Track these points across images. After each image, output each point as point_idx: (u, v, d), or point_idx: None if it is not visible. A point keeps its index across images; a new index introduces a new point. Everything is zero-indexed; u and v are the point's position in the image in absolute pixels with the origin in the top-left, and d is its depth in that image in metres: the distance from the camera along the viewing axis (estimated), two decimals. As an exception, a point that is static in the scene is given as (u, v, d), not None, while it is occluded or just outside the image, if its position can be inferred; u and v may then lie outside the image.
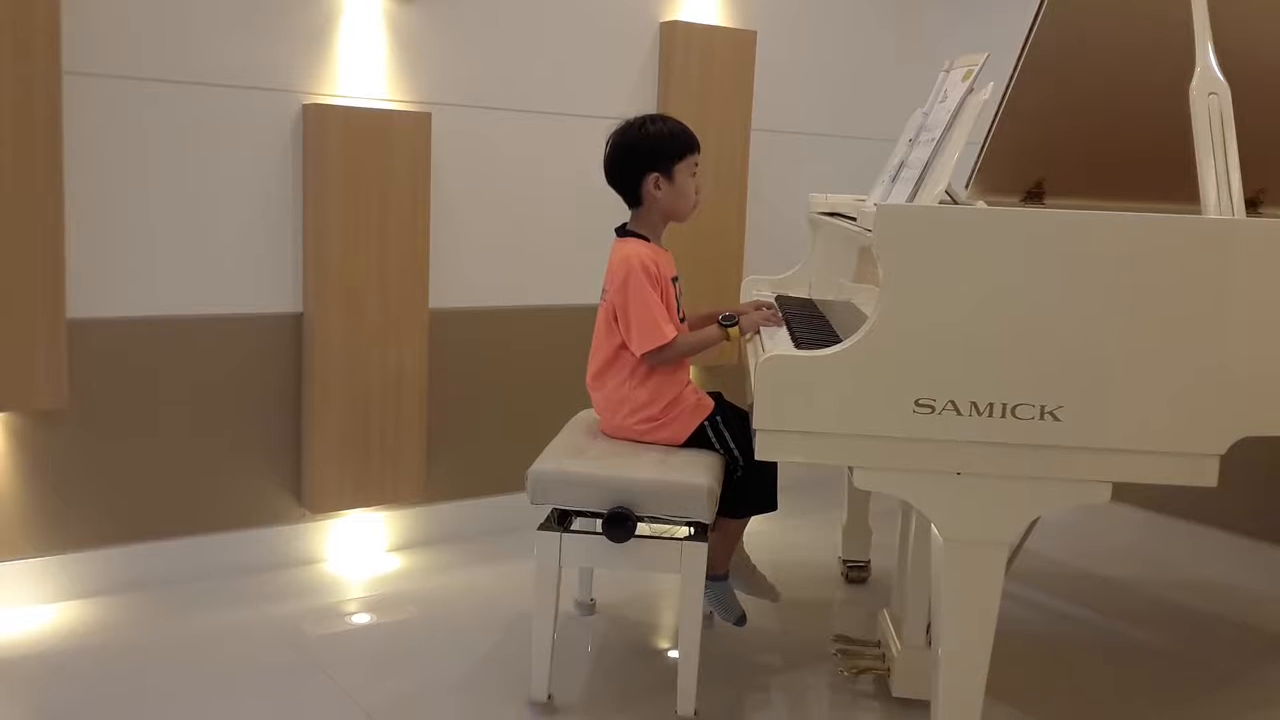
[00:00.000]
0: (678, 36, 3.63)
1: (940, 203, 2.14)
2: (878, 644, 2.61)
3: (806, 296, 3.19)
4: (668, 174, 2.58)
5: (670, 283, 2.60)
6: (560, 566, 2.37)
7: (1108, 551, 3.61)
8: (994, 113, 2.76)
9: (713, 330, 2.58)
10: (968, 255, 1.91)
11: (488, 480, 3.50)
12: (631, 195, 2.63)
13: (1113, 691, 2.68)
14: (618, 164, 2.62)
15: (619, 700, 2.50)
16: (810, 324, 2.63)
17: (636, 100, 3.61)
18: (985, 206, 2.11)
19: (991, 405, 1.91)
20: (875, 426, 1.93)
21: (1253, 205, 2.78)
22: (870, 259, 2.07)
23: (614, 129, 2.63)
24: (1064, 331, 1.90)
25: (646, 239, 2.61)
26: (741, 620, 2.73)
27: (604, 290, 2.61)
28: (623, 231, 2.65)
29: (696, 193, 2.63)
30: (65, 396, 2.73)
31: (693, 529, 2.40)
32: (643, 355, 2.51)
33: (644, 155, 2.58)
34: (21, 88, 2.55)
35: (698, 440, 2.56)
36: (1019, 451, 1.93)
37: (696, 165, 2.62)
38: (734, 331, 2.57)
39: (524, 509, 2.57)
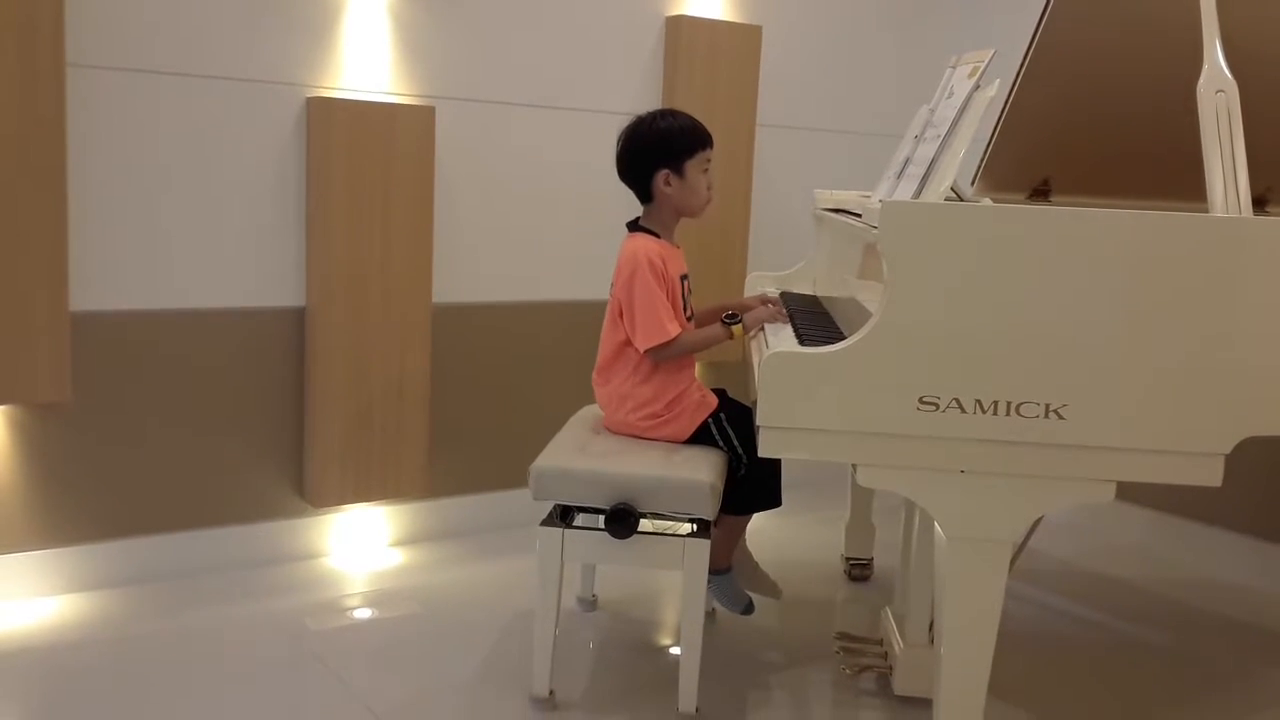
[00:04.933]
0: (683, 31, 3.62)
1: (946, 200, 2.14)
2: (880, 642, 2.61)
3: (811, 293, 3.18)
4: (678, 170, 2.57)
5: (678, 280, 2.60)
6: (562, 562, 2.37)
7: (1111, 550, 3.60)
8: (1000, 110, 2.75)
9: (716, 328, 2.58)
10: (973, 252, 1.90)
11: (490, 476, 3.50)
12: (642, 191, 2.62)
13: (1116, 690, 2.67)
14: (628, 160, 2.61)
15: (620, 697, 2.50)
16: (814, 320, 2.63)
17: (641, 95, 3.60)
18: (991, 204, 2.11)
19: (996, 403, 1.90)
20: (879, 424, 1.93)
21: (1260, 203, 2.76)
22: (875, 256, 2.07)
23: (626, 124, 2.63)
24: (1069, 329, 1.89)
25: (657, 235, 2.60)
26: (749, 609, 2.72)
27: (612, 285, 2.61)
28: (634, 227, 2.64)
29: (709, 189, 2.62)
30: (68, 389, 2.72)
31: (695, 526, 2.40)
32: (646, 351, 2.51)
33: (654, 151, 2.57)
34: (25, 80, 2.55)
35: (701, 437, 2.56)
36: (1023, 450, 1.92)
37: (708, 161, 2.60)
38: (737, 330, 2.57)
39: (526, 505, 2.57)
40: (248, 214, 3.00)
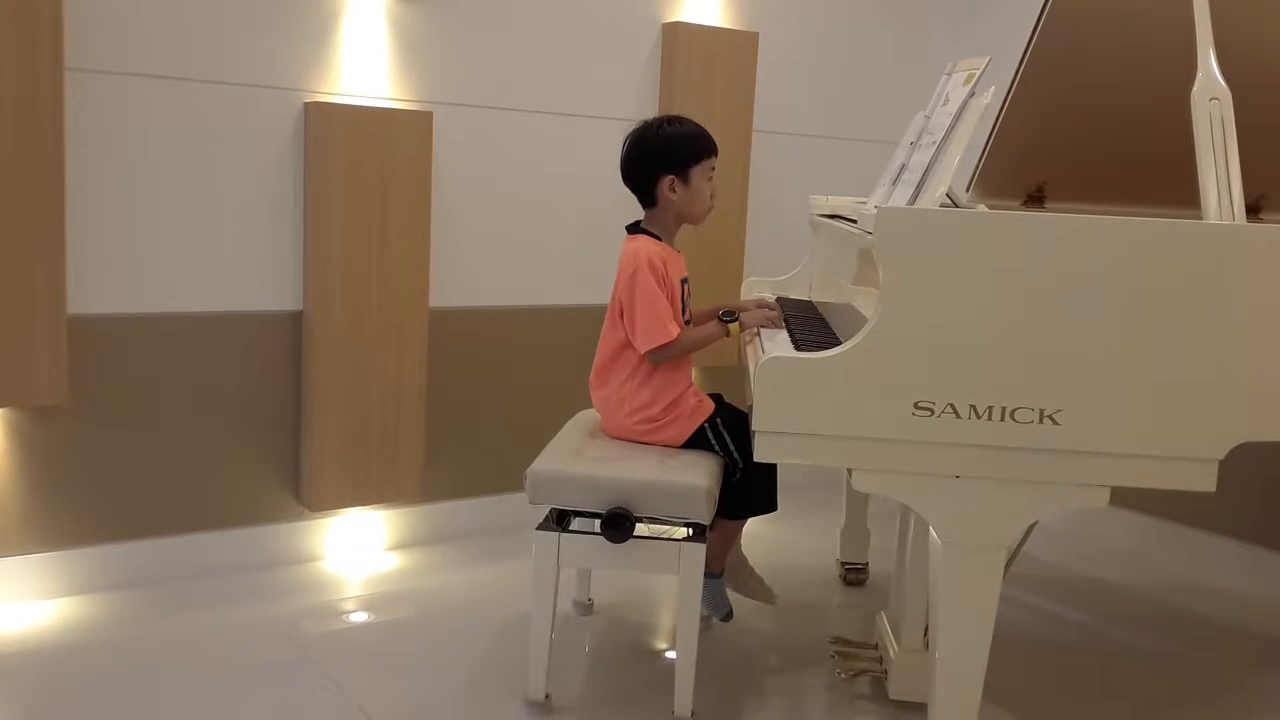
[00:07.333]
0: (680, 37, 3.63)
1: (941, 206, 2.14)
2: (875, 646, 2.61)
3: (806, 298, 3.19)
4: (683, 177, 2.57)
5: (678, 284, 2.60)
6: (558, 566, 2.37)
7: (1106, 556, 3.61)
8: (995, 116, 2.76)
9: (713, 327, 2.58)
10: (968, 258, 1.91)
11: (487, 480, 3.50)
12: (646, 196, 2.63)
13: (1109, 696, 2.68)
14: (634, 164, 2.61)
15: (616, 700, 2.50)
16: (810, 326, 2.63)
17: (638, 100, 3.61)
18: (986, 210, 2.12)
19: (991, 408, 1.91)
20: (874, 429, 1.93)
21: (1253, 210, 2.78)
22: (870, 261, 2.08)
23: (632, 129, 2.63)
24: (1064, 335, 1.90)
25: (658, 238, 2.61)
26: (728, 616, 2.76)
27: (615, 287, 2.61)
28: (635, 229, 2.65)
29: (712, 196, 2.63)
30: (65, 392, 2.73)
31: (691, 530, 2.40)
32: (646, 353, 2.52)
33: (660, 157, 2.57)
34: (24, 84, 2.55)
35: (697, 442, 2.56)
36: (1018, 455, 1.93)
37: (713, 169, 2.61)
38: (734, 328, 2.57)
39: (523, 509, 2.57)
40: (245, 218, 3.00)
